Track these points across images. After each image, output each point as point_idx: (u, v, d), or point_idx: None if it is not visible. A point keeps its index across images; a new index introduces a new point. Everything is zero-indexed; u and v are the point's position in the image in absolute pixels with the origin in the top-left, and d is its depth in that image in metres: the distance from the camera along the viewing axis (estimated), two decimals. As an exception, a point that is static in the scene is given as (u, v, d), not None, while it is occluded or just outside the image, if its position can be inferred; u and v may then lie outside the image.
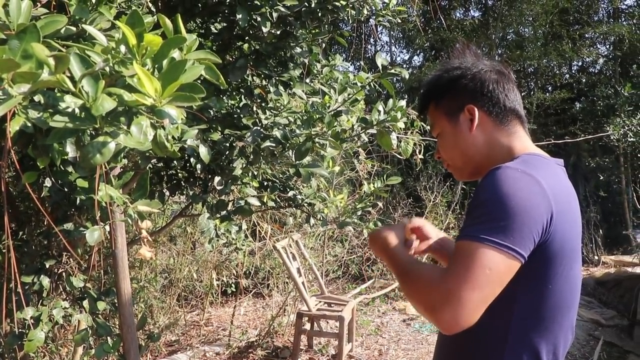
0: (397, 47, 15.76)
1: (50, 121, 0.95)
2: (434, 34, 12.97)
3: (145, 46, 1.01)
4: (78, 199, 1.95)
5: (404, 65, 15.46)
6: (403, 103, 2.20)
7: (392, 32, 14.28)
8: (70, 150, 1.51)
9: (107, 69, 1.03)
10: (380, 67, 2.12)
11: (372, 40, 14.39)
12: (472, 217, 1.16)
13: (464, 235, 1.13)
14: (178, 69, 1.00)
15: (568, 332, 1.28)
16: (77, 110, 0.98)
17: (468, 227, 1.14)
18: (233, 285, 6.05)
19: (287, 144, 2.24)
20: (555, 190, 1.18)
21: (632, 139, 8.51)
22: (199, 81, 1.15)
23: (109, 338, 2.35)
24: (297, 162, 2.25)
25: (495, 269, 1.08)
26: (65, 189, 2.03)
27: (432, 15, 12.01)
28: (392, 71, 2.12)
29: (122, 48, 1.02)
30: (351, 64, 13.51)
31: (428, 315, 1.12)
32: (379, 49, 15.51)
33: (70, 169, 1.95)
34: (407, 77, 2.21)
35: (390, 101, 2.23)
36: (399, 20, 2.62)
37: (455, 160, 1.42)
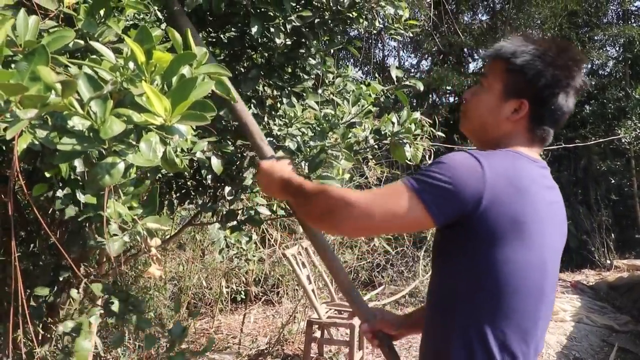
0: (405, 51, 15.79)
1: (58, 143, 0.92)
2: (442, 38, 12.94)
3: (155, 63, 0.99)
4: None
5: (412, 70, 15.46)
6: (417, 115, 2.16)
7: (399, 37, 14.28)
8: (78, 165, 1.49)
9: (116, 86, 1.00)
10: (395, 79, 2.09)
11: (380, 45, 14.40)
12: None
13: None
14: (188, 87, 0.97)
15: (528, 320, 1.27)
16: (85, 131, 0.95)
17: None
18: (243, 292, 6.02)
19: (301, 155, 2.22)
20: (503, 178, 1.22)
21: (643, 142, 8.45)
22: (210, 94, 1.13)
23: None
24: (310, 173, 2.22)
25: (404, 203, 1.21)
26: (79, 199, 2.00)
27: (442, 16, 11.97)
28: (407, 83, 2.08)
29: (131, 65, 1.00)
30: (359, 69, 13.51)
31: (328, 218, 1.28)
32: (386, 53, 15.52)
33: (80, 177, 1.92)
34: (421, 88, 2.17)
35: (405, 112, 2.19)
36: (411, 34, 2.59)
37: (474, 118, 1.44)
